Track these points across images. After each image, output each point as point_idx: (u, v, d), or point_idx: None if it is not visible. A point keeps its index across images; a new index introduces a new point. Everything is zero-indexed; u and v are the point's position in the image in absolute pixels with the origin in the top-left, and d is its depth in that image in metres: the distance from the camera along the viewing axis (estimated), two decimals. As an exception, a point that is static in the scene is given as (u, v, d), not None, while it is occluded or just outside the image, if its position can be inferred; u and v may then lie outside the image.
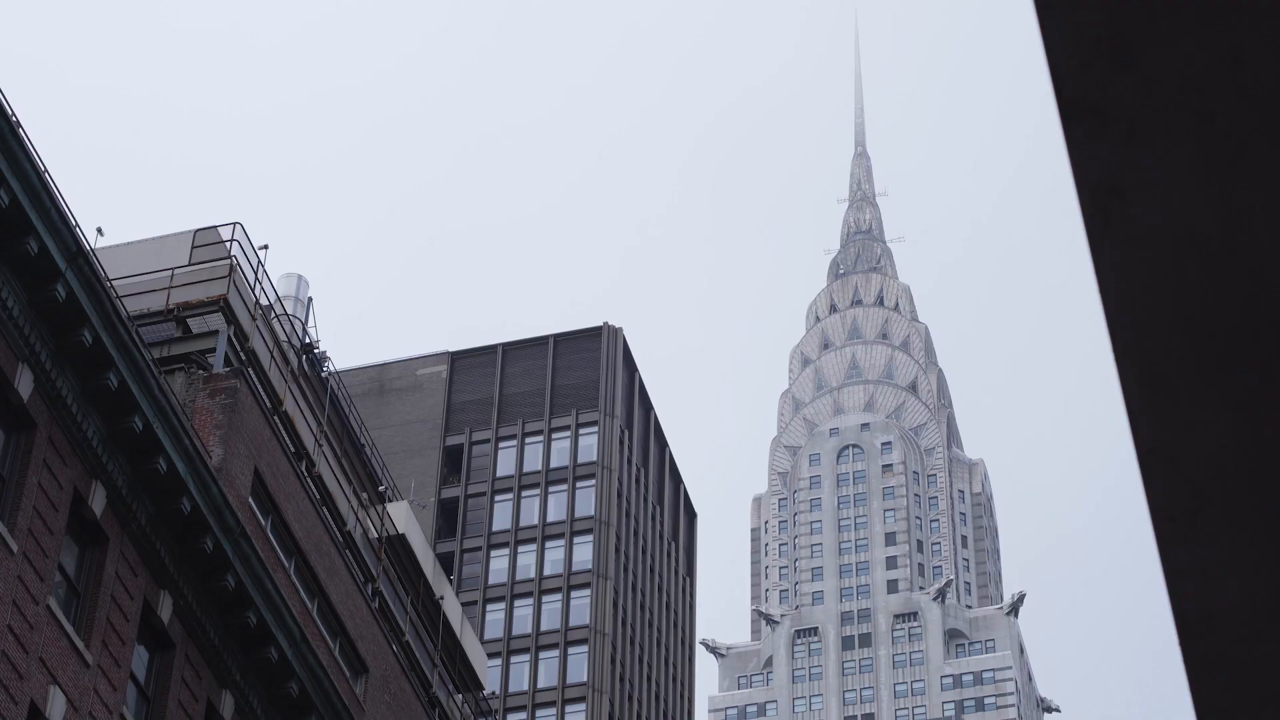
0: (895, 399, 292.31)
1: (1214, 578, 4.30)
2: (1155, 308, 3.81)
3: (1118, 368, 3.76)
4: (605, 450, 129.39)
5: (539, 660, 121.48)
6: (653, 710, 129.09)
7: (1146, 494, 4.18)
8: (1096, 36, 3.27)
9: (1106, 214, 3.61)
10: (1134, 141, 3.64)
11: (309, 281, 63.93)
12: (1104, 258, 3.65)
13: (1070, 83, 3.41)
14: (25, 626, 31.63)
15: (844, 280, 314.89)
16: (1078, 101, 3.45)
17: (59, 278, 33.10)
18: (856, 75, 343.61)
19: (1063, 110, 3.47)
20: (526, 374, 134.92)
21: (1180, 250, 3.79)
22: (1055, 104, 3.43)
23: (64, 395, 33.56)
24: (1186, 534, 4.23)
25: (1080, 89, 3.43)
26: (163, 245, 46.49)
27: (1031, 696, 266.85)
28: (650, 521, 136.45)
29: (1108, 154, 3.56)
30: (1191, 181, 3.68)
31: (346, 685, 44.40)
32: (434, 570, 59.58)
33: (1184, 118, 3.61)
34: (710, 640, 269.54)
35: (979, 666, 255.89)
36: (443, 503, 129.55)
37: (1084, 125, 3.51)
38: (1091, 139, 3.51)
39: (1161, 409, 4.02)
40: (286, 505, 43.26)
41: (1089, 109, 3.45)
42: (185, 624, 37.28)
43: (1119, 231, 3.67)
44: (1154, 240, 3.77)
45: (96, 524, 34.48)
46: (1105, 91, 3.45)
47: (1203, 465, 4.15)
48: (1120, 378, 3.75)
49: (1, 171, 31.85)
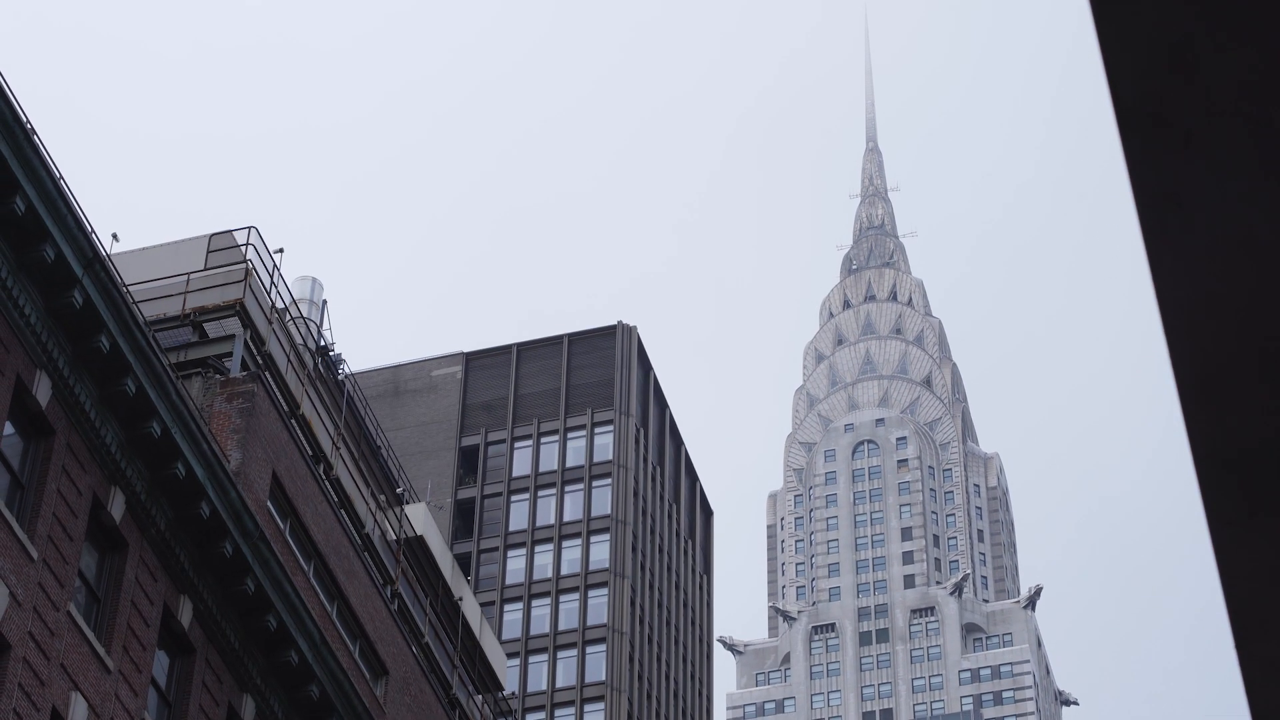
0: (910, 394, 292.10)
1: (1271, 581, 4.27)
2: (1212, 313, 3.79)
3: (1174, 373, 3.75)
4: (621, 449, 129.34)
5: (557, 660, 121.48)
6: (671, 708, 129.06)
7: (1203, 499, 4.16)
8: (1154, 45, 3.25)
9: (1164, 221, 3.60)
10: (1191, 149, 3.63)
11: (323, 284, 63.97)
12: (1161, 264, 3.63)
13: (1128, 91, 3.39)
14: (46, 633, 31.67)
15: (857, 276, 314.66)
16: (1135, 110, 3.43)
17: (76, 284, 33.13)
18: (867, 70, 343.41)
19: (1120, 118, 3.46)
20: (541, 374, 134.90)
21: (1237, 256, 3.77)
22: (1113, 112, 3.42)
23: (82, 402, 33.59)
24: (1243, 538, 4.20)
25: (1138, 97, 3.42)
26: (178, 250, 46.51)
27: (1049, 690, 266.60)
28: (667, 520, 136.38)
29: (1165, 161, 3.54)
30: (1248, 188, 3.66)
31: (367, 687, 44.43)
32: (452, 571, 59.61)
33: (1240, 125, 3.59)
34: (728, 637, 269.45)
35: (996, 660, 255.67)
36: (459, 503, 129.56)
37: (1141, 133, 3.50)
38: (1149, 147, 3.49)
39: (1218, 414, 4.00)
40: (305, 508, 43.28)
41: (1147, 117, 3.44)
42: (205, 628, 37.31)
43: (1176, 238, 3.65)
44: (1211, 247, 3.75)
45: (116, 530, 34.51)
46: (1163, 100, 3.44)
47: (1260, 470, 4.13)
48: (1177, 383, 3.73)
49: (18, 179, 31.89)
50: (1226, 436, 4.04)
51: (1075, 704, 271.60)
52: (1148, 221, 3.54)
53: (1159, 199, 3.55)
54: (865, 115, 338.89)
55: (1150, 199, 3.52)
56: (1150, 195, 3.52)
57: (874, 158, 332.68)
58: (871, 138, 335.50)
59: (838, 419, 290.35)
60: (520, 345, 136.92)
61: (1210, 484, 4.12)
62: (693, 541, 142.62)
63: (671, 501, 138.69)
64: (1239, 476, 4.09)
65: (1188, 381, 3.74)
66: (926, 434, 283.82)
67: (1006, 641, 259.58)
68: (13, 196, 31.93)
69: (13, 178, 31.83)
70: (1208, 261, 3.73)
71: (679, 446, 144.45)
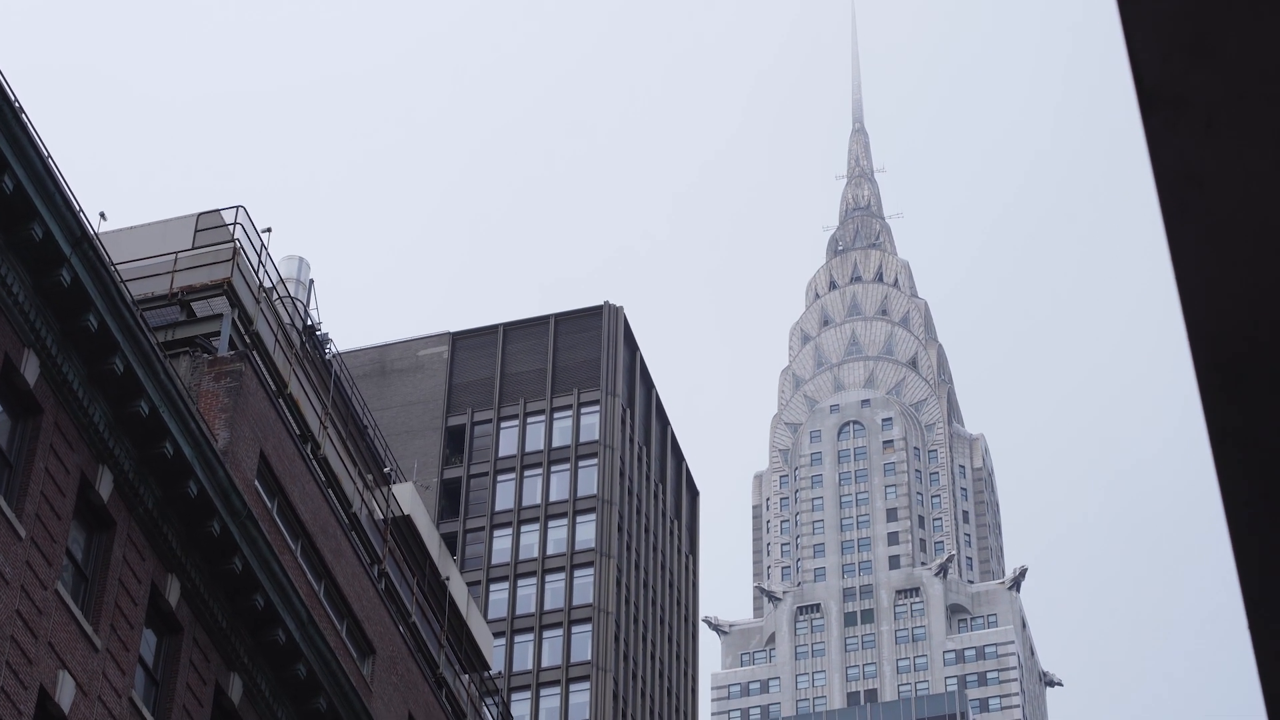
0: (895, 375, 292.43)
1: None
2: (1231, 296, 3.80)
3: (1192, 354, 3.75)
4: (607, 429, 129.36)
5: (543, 639, 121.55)
6: (656, 688, 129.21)
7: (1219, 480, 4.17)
8: (1177, 27, 3.26)
9: (1184, 203, 3.61)
10: (1212, 131, 3.63)
11: (310, 264, 63.95)
12: (1181, 246, 3.64)
13: (1150, 72, 3.40)
14: (34, 611, 31.65)
15: (843, 257, 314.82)
16: (1157, 91, 3.44)
17: (64, 263, 33.07)
18: (854, 52, 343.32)
19: (1142, 100, 3.46)
20: (528, 354, 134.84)
21: (1257, 239, 3.78)
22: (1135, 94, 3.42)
23: (70, 380, 33.55)
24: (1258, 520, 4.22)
25: (1160, 79, 3.42)
26: (166, 229, 46.43)
27: (1034, 671, 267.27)
28: (653, 500, 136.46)
29: (1186, 144, 3.55)
30: (1269, 170, 3.67)
31: (354, 666, 44.44)
32: (439, 551, 59.61)
33: (1263, 107, 3.60)
34: (713, 618, 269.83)
35: (981, 641, 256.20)
36: (445, 483, 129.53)
37: (1162, 115, 3.50)
38: (1170, 129, 3.50)
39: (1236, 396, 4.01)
40: (292, 488, 43.27)
41: (1169, 99, 3.44)
42: (193, 607, 37.30)
43: (1196, 221, 3.66)
44: (1231, 229, 3.76)
45: (104, 508, 34.48)
46: (1185, 81, 3.44)
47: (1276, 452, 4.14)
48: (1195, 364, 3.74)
49: (6, 157, 31.82)
50: (1245, 420, 4.05)
51: (1059, 685, 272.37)
52: (1168, 203, 3.55)
53: (1180, 181, 3.55)
54: (852, 97, 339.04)
55: (1171, 181, 3.53)
56: (1171, 177, 3.53)
57: (860, 139, 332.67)
58: (858, 119, 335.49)
59: (823, 400, 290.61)
60: (507, 325, 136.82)
61: (1226, 465, 4.13)
62: (678, 522, 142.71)
63: (657, 482, 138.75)
64: (1255, 458, 4.10)
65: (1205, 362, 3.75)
66: (912, 415, 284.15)
67: (991, 623, 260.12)
68: (1, 175, 31.87)
69: (1, 157, 31.76)
70: (1228, 244, 3.74)
71: (665, 427, 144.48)
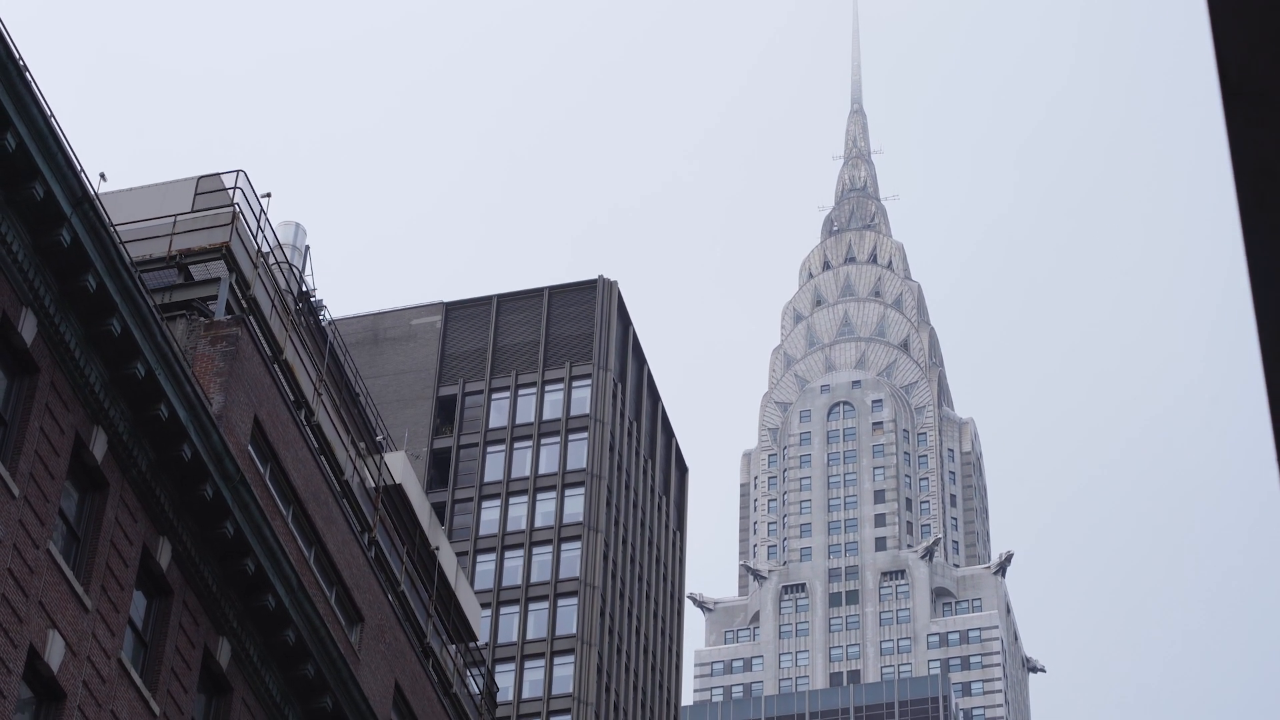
0: (887, 357, 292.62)
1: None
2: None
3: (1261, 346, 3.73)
4: (598, 403, 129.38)
5: (529, 611, 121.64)
6: (640, 663, 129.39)
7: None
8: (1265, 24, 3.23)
9: (1261, 196, 3.58)
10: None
11: (306, 230, 63.89)
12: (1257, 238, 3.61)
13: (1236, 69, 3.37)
14: (25, 570, 31.64)
15: (838, 237, 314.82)
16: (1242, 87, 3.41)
17: (64, 222, 33.03)
18: (854, 32, 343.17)
19: (1226, 95, 3.43)
20: (521, 325, 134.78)
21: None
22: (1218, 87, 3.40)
23: (67, 340, 33.52)
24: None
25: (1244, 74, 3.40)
26: (166, 192, 46.34)
27: (1017, 656, 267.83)
28: (642, 475, 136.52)
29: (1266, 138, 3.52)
30: (1347, 167, 3.65)
31: (342, 634, 44.47)
32: (430, 521, 59.64)
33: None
34: (698, 594, 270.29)
35: (965, 625, 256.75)
36: (435, 453, 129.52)
37: (1245, 110, 3.47)
38: (1252, 124, 3.47)
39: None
40: (285, 454, 43.26)
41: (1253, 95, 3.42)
42: (184, 570, 37.30)
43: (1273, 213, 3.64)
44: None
45: (97, 469, 34.47)
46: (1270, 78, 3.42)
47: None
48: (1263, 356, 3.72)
49: (9, 115, 31.75)
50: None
51: (1042, 671, 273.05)
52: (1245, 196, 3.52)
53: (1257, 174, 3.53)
54: (850, 77, 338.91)
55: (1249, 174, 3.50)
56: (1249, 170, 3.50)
57: (858, 120, 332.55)
58: (856, 100, 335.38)
59: (814, 380, 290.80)
60: (500, 296, 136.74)
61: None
62: (667, 498, 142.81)
63: (647, 457, 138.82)
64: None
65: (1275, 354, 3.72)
66: (902, 397, 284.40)
67: (976, 607, 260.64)
68: (3, 133, 31.81)
69: (4, 114, 31.70)
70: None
71: (656, 402, 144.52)
